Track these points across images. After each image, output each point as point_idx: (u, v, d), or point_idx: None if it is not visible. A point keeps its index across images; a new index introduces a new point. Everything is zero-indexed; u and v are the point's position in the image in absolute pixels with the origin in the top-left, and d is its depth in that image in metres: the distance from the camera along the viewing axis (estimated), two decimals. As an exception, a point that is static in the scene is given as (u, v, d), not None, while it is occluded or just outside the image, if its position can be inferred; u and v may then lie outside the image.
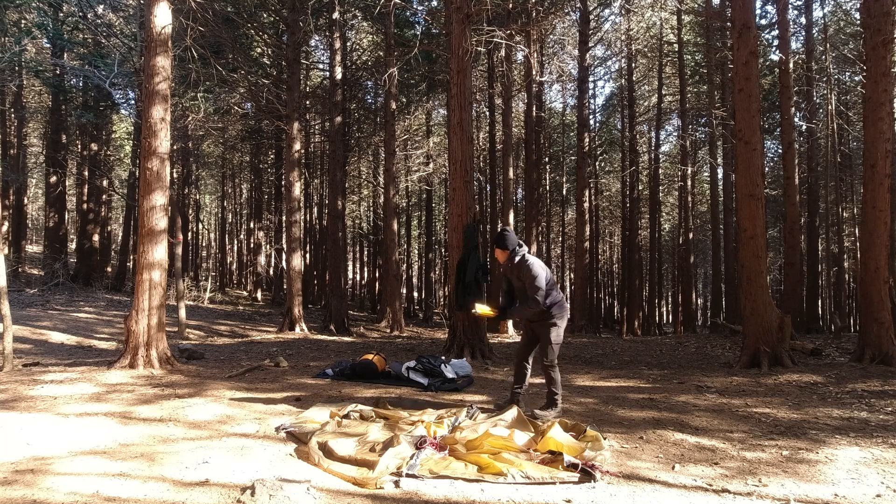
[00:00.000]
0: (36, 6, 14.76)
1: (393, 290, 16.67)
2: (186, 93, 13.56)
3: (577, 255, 18.57)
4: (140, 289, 6.78)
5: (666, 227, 32.87)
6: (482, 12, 9.44)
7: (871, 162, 7.84)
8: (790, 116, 13.20)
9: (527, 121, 19.06)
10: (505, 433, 3.75)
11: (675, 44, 20.88)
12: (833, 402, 5.51)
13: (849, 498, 3.07)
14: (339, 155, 16.35)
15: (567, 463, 3.33)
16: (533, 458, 3.45)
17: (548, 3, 16.08)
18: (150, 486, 3.07)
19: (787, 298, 13.24)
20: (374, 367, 6.48)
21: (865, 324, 7.90)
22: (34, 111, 23.81)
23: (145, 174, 6.89)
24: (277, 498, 2.84)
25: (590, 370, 7.97)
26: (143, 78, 7.29)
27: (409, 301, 28.73)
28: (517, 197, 24.77)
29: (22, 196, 22.01)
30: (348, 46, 21.15)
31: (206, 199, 36.66)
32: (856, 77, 19.55)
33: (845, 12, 18.52)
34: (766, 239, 8.16)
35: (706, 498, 3.04)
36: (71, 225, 27.76)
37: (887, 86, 7.72)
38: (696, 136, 22.09)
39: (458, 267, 8.73)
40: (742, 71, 7.79)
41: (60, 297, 15.46)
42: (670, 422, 4.61)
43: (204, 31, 10.49)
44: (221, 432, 4.11)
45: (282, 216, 21.00)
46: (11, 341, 6.77)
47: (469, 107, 9.31)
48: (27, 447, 3.64)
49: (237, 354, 8.90)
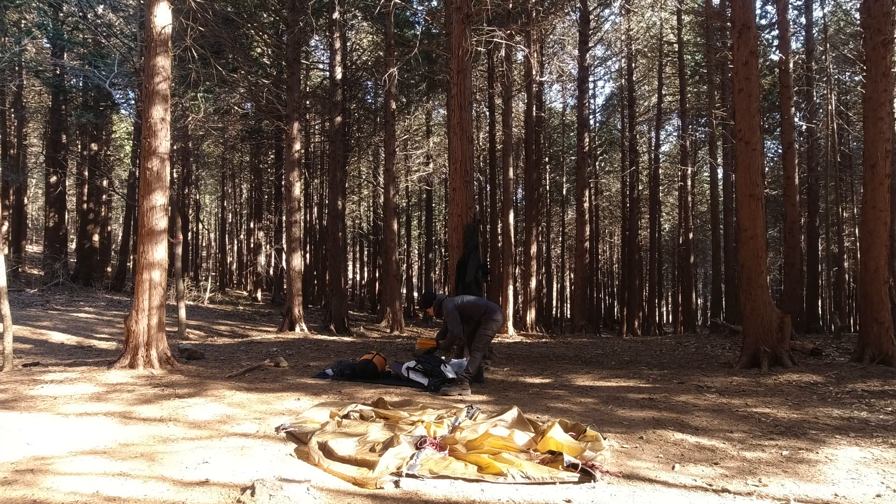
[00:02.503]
0: (36, 6, 14.75)
1: (393, 290, 16.68)
2: (186, 93, 13.55)
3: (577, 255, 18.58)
4: (140, 289, 6.78)
5: (666, 227, 32.87)
6: (482, 12, 9.43)
7: (871, 162, 7.84)
8: (790, 116, 13.20)
9: (527, 121, 19.07)
10: (505, 433, 3.75)
11: (675, 44, 20.89)
12: (833, 402, 5.51)
13: (849, 498, 3.07)
14: (339, 155, 16.35)
15: (567, 463, 3.33)
16: (533, 458, 3.45)
17: (548, 3, 16.09)
18: (150, 485, 3.07)
19: (787, 298, 13.24)
20: (374, 367, 6.48)
21: (865, 324, 7.90)
22: (34, 111, 23.81)
23: (145, 174, 6.89)
24: (277, 498, 2.84)
25: (590, 370, 7.97)
26: (143, 78, 7.29)
27: (409, 301, 28.72)
28: (517, 197, 24.78)
29: (22, 196, 22.01)
30: (348, 46, 21.15)
31: (206, 199, 36.66)
32: (856, 77, 19.55)
33: (845, 12, 18.52)
34: (766, 239, 8.16)
35: (706, 498, 3.04)
36: (71, 225, 27.77)
37: (887, 86, 7.72)
38: (696, 136, 22.10)
39: (458, 267, 8.72)
40: (742, 71, 7.79)
41: (60, 297, 15.47)
42: (670, 422, 4.61)
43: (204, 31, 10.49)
44: (221, 432, 4.11)
45: (282, 216, 21.01)
46: (11, 341, 6.77)
47: (469, 107, 9.31)
48: (27, 447, 3.64)
49: (237, 354, 8.90)
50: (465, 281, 8.58)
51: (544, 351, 10.59)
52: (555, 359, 9.46)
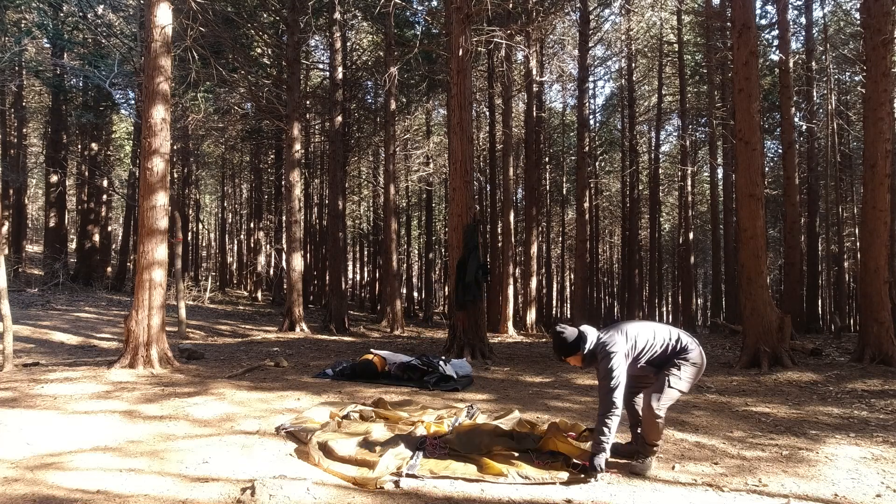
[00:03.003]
0: (36, 6, 14.75)
1: (393, 290, 16.67)
2: (186, 93, 13.55)
3: (577, 255, 18.56)
4: (140, 288, 6.78)
5: (666, 227, 32.86)
6: (482, 12, 9.44)
7: (871, 162, 7.84)
8: (790, 116, 13.20)
9: (527, 121, 19.06)
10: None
11: (675, 44, 20.88)
12: (833, 401, 5.52)
13: (849, 497, 3.07)
14: (339, 155, 16.34)
15: (566, 463, 3.34)
16: (532, 458, 3.46)
17: (548, 3, 16.08)
18: (152, 484, 3.08)
19: (787, 298, 13.23)
20: (374, 367, 6.49)
21: (865, 324, 7.91)
22: (34, 111, 23.81)
23: (146, 174, 6.90)
24: (277, 497, 2.85)
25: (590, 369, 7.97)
26: (144, 78, 7.29)
27: (409, 301, 28.72)
28: (517, 197, 24.78)
29: (22, 196, 22.00)
30: (348, 46, 21.15)
31: (206, 199, 36.64)
32: (856, 77, 19.54)
33: (845, 12, 18.52)
34: (766, 239, 8.16)
35: (706, 497, 3.05)
36: (71, 225, 27.75)
37: (887, 86, 7.73)
38: (696, 136, 22.08)
39: (459, 267, 8.74)
40: (742, 71, 7.80)
41: (61, 296, 15.46)
42: (670, 421, 4.61)
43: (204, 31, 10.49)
44: (222, 431, 4.12)
45: (282, 216, 21.00)
46: (12, 341, 6.77)
47: (469, 107, 9.32)
48: (27, 447, 3.64)
49: (238, 354, 8.90)
50: (465, 281, 8.60)
51: (544, 350, 10.59)
52: (555, 358, 9.45)
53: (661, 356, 3.41)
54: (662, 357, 3.41)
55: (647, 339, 3.40)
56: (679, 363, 3.37)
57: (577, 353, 3.46)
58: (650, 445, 3.41)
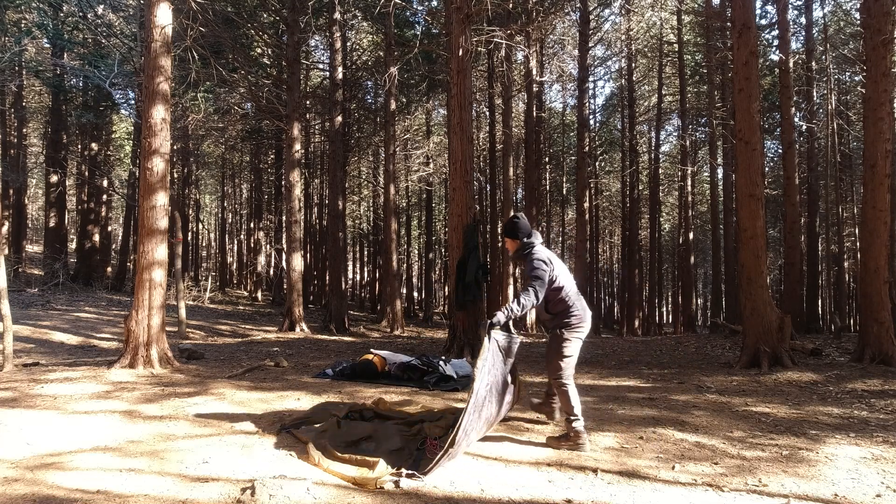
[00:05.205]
0: (36, 6, 14.75)
1: (393, 290, 16.68)
2: (186, 93, 13.56)
3: (577, 255, 18.55)
4: (140, 288, 6.78)
5: (666, 227, 32.87)
6: (482, 12, 9.43)
7: (871, 162, 7.84)
8: (790, 116, 13.19)
9: (527, 121, 19.06)
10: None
11: (675, 44, 20.88)
12: (833, 401, 5.52)
13: (849, 497, 3.07)
14: (339, 155, 16.34)
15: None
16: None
17: (548, 3, 16.08)
18: (152, 484, 3.08)
19: (787, 298, 13.23)
20: (374, 367, 6.48)
21: (865, 324, 7.90)
22: (34, 111, 23.80)
23: (146, 174, 6.90)
24: (277, 497, 2.85)
25: (590, 369, 7.97)
26: (144, 78, 7.29)
27: (409, 301, 28.72)
28: (517, 197, 24.76)
29: (22, 196, 22.00)
30: (348, 46, 21.16)
31: (206, 199, 36.64)
32: (856, 77, 19.54)
33: (845, 12, 18.51)
34: (766, 239, 8.16)
35: (706, 497, 3.05)
36: (71, 225, 27.75)
37: (887, 86, 7.72)
38: (696, 136, 22.09)
39: (458, 267, 8.73)
40: (742, 71, 7.79)
41: (61, 296, 15.46)
42: (670, 421, 4.62)
43: (204, 31, 10.49)
44: (222, 431, 4.11)
45: (282, 216, 21.00)
46: (12, 341, 6.77)
47: (469, 107, 9.32)
48: (27, 447, 3.64)
49: (238, 354, 8.90)
50: (465, 281, 8.59)
51: (544, 350, 10.59)
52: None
53: (561, 305, 3.93)
54: (561, 307, 3.93)
55: (563, 279, 3.93)
56: (566, 330, 3.94)
57: (516, 239, 3.96)
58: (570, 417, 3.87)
